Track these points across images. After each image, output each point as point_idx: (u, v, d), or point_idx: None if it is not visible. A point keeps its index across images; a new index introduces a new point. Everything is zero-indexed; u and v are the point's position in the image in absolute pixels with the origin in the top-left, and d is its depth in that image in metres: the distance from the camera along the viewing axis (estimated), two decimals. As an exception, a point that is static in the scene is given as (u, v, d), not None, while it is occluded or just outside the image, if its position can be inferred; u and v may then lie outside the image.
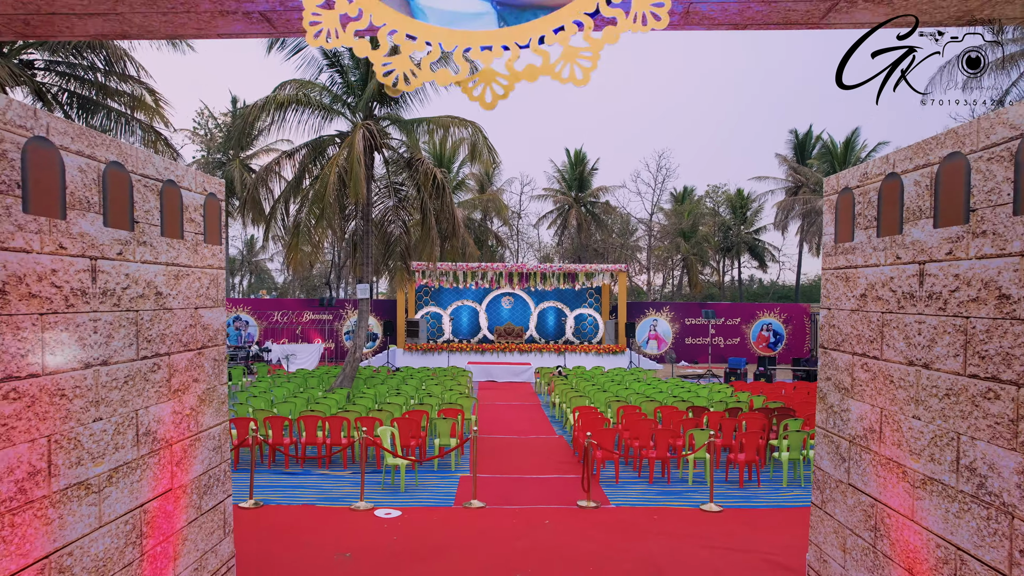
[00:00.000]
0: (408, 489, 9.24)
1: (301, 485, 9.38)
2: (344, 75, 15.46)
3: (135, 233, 4.09)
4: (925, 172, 3.92)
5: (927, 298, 3.82)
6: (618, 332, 27.45)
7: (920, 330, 3.86)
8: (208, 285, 5.02)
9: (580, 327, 29.07)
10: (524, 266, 29.01)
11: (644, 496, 9.12)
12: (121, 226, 3.95)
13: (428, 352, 26.20)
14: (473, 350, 26.40)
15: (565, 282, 28.04)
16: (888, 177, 4.29)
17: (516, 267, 28.33)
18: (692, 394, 14.30)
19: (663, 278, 49.42)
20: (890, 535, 4.09)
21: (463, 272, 26.89)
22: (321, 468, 10.38)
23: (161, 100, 15.04)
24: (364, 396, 13.40)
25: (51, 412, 3.36)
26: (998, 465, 3.22)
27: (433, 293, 28.98)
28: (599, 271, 28.06)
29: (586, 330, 28.97)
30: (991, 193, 3.35)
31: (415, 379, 17.62)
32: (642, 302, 34.83)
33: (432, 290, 28.82)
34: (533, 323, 28.96)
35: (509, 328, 28.10)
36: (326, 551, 6.84)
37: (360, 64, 15.45)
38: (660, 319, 30.30)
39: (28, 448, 3.20)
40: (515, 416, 15.59)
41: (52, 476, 3.36)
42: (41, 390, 3.29)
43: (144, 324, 4.17)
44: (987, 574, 3.25)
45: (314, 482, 9.58)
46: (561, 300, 29.22)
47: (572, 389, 15.31)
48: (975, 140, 3.48)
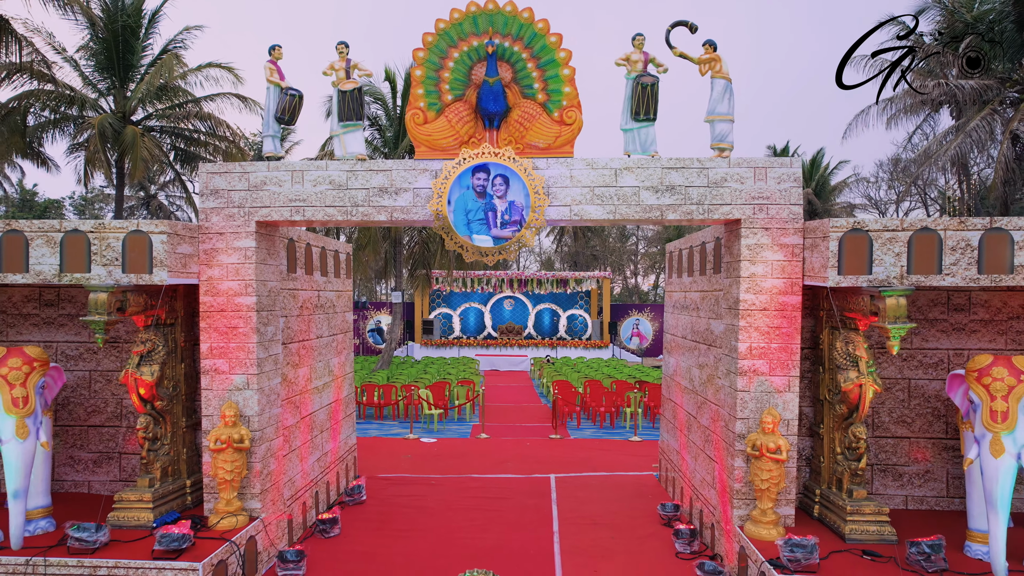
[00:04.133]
0: (439, 429, 13.99)
1: (367, 429, 14.13)
2: (382, 132, 20.21)
3: (328, 277, 8.84)
4: (694, 248, 8.60)
5: (687, 307, 8.53)
6: (603, 330, 32.14)
7: (687, 322, 8.56)
8: (346, 300, 9.75)
9: (572, 325, 33.73)
10: (523, 273, 33.74)
11: (595, 434, 13.84)
12: (324, 273, 8.69)
13: (441, 347, 30.94)
14: (479, 345, 31.10)
15: (558, 287, 32.75)
16: (679, 250, 9.00)
17: (516, 274, 33.06)
18: (644, 375, 19.00)
19: (655, 280, 54.02)
20: (676, 415, 8.81)
21: (472, 278, 31.59)
22: (378, 419, 15.14)
23: (244, 150, 19.84)
24: (402, 375, 18.17)
25: (312, 355, 8.10)
26: (697, 376, 7.91)
27: (445, 296, 33.68)
28: (587, 278, 32.73)
29: (577, 328, 33.63)
30: (704, 261, 8.04)
31: (435, 365, 22.38)
32: (627, 304, 39.43)
33: (444, 294, 33.52)
34: (531, 322, 33.62)
35: (510, 326, 32.79)
36: (396, 455, 11.59)
37: (394, 122, 20.19)
38: (642, 319, 34.91)
39: (307, 369, 7.94)
40: (512, 392, 20.31)
41: (310, 381, 8.09)
42: (312, 347, 8.02)
43: (330, 319, 8.91)
44: (700, 427, 7.93)
45: (375, 428, 14.33)
46: (555, 302, 33.87)
47: (556, 372, 20.03)
48: (706, 236, 8.14)
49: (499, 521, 8.05)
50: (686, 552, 6.96)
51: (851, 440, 6.09)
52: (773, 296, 6.23)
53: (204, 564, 5.41)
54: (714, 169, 6.30)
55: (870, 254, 5.67)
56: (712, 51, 6.42)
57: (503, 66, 6.39)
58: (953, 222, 5.67)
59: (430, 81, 6.45)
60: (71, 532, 5.52)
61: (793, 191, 6.24)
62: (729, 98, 6.42)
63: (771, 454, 5.91)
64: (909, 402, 6.90)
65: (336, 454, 9.02)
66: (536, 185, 6.28)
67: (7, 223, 6.09)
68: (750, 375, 6.26)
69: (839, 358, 6.09)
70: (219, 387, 6.48)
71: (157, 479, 6.43)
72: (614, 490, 9.48)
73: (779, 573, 5.22)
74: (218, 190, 6.53)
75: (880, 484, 6.94)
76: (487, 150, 6.31)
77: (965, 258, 5.63)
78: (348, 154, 6.63)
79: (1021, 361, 5.18)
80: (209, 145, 19.73)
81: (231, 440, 6.18)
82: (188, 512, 6.66)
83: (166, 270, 6.00)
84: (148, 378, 6.27)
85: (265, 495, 6.59)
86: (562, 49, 6.37)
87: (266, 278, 6.70)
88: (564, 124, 6.39)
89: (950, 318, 6.84)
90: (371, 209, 6.48)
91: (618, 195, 6.35)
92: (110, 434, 7.32)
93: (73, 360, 7.29)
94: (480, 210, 6.34)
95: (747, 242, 6.25)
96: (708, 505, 7.19)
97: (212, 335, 6.49)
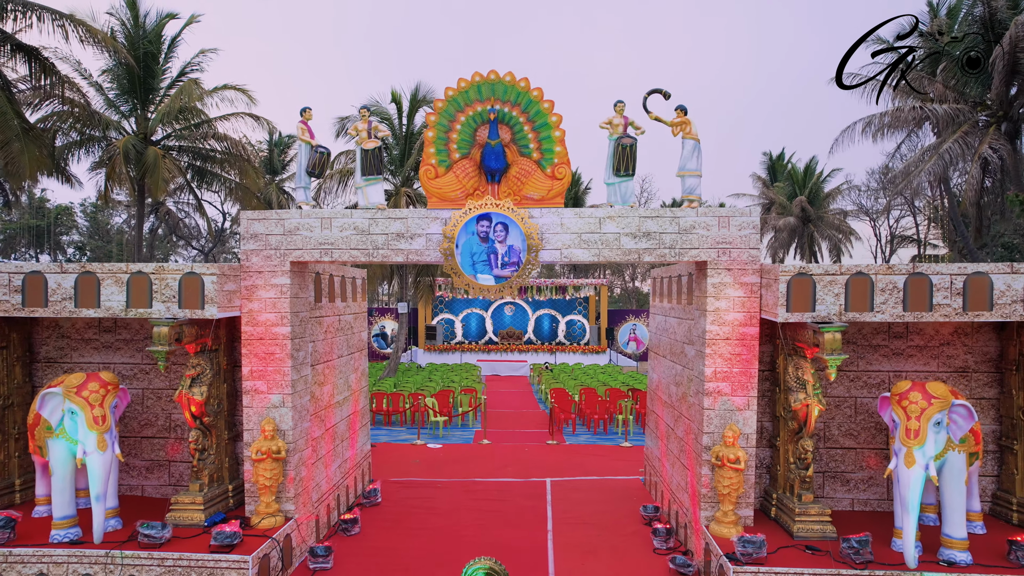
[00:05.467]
0: (444, 435, 15.04)
1: (377, 435, 15.17)
2: (389, 151, 21.27)
3: (347, 302, 9.88)
4: (673, 278, 9.63)
5: (667, 329, 9.56)
6: (601, 335, 33.19)
7: (668, 343, 9.60)
8: (362, 320, 10.80)
9: (570, 331, 34.77)
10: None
11: (589, 439, 14.89)
12: (344, 299, 9.73)
13: (444, 352, 32.00)
14: (481, 350, 32.16)
15: (558, 293, 33.82)
16: (661, 277, 10.03)
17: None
18: (636, 381, 20.05)
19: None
20: (658, 426, 9.86)
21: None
22: (387, 426, 16.18)
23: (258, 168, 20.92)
24: (408, 382, 19.23)
25: (334, 373, 9.14)
26: (674, 393, 8.94)
27: (447, 302, 34.72)
28: (585, 284, 33.77)
29: (575, 333, 34.67)
30: (679, 291, 9.06)
31: (439, 372, 23.44)
32: (625, 309, 40.46)
33: (446, 300, 34.57)
34: (531, 327, 34.67)
35: (511, 331, 33.84)
36: (406, 460, 12.65)
37: (400, 141, 21.25)
38: (639, 324, 35.94)
39: (331, 387, 8.99)
40: (512, 398, 21.35)
41: (332, 396, 9.14)
42: (334, 366, 9.07)
43: (349, 339, 9.96)
44: (676, 437, 8.95)
45: (384, 433, 15.38)
46: (554, 308, 34.92)
47: (554, 379, 21.07)
48: (682, 270, 9.17)
49: (500, 521, 9.09)
50: (662, 548, 8.00)
51: (800, 452, 7.13)
52: (735, 327, 7.27)
53: (253, 557, 6.46)
54: (684, 218, 7.33)
55: (813, 294, 6.71)
56: (683, 115, 7.46)
57: (503, 128, 7.44)
58: (883, 267, 6.71)
59: (440, 141, 7.49)
60: (141, 529, 6.57)
61: (752, 237, 7.27)
62: (697, 156, 7.46)
63: (731, 464, 6.95)
64: (855, 417, 7.94)
65: (354, 460, 10.07)
66: (532, 232, 7.32)
67: (82, 265, 7.14)
68: (715, 395, 7.30)
69: (790, 381, 7.13)
70: (259, 405, 7.53)
71: (206, 484, 7.48)
72: (603, 493, 10.52)
73: (733, 564, 6.26)
74: (257, 234, 7.57)
75: (830, 488, 7.99)
76: (489, 201, 7.35)
77: (893, 298, 6.67)
78: (370, 203, 7.68)
79: (933, 387, 6.21)
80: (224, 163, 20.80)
81: (270, 452, 7.24)
82: (231, 513, 7.71)
83: (216, 306, 7.05)
84: (199, 398, 7.32)
85: (298, 498, 7.64)
86: (554, 113, 7.41)
87: (298, 309, 7.74)
88: (555, 179, 7.43)
89: (890, 344, 7.88)
90: (390, 251, 7.53)
91: (602, 240, 7.39)
92: (160, 444, 8.37)
93: (128, 379, 8.34)
94: (484, 253, 7.38)
95: (712, 281, 7.29)
96: (683, 507, 8.23)
97: (252, 360, 7.54)
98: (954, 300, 6.65)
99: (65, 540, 6.63)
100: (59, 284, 7.18)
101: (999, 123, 16.99)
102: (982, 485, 7.76)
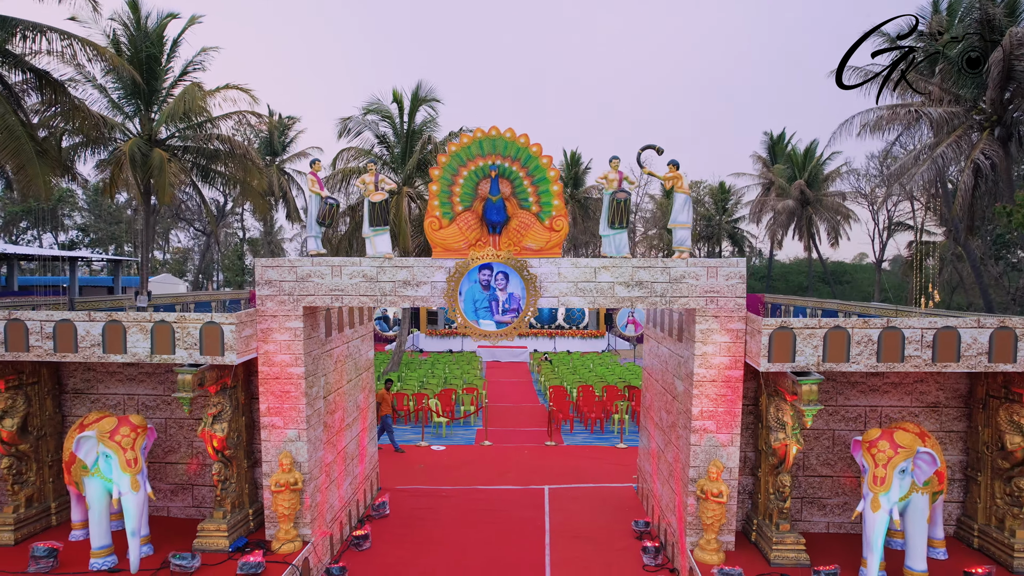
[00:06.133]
0: (447, 436, 15.71)
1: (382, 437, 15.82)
2: (391, 149, 21.49)
3: (355, 327, 10.38)
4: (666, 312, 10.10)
5: (659, 355, 10.08)
6: (600, 319, 33.77)
7: (660, 368, 10.12)
8: (369, 339, 11.30)
9: (569, 314, 35.32)
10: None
11: (586, 439, 15.56)
12: (351, 326, 10.22)
13: (445, 337, 32.60)
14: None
15: (557, 278, 34.31)
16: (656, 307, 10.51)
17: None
18: (632, 375, 20.68)
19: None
20: (650, 444, 10.45)
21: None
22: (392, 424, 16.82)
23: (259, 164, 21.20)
24: (411, 379, 19.85)
25: (344, 399, 9.69)
26: (664, 419, 9.50)
27: (448, 287, 35.20)
28: (584, 270, 34.22)
29: (575, 316, 35.23)
30: (671, 326, 9.54)
31: (441, 363, 24.07)
32: (624, 291, 40.96)
33: (448, 285, 35.03)
34: (531, 312, 35.24)
35: (511, 316, 34.42)
36: (411, 464, 13.31)
37: (402, 140, 21.46)
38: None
39: (341, 412, 9.55)
40: (513, 390, 22.02)
41: (343, 421, 9.71)
42: (344, 392, 9.61)
43: (356, 361, 10.49)
44: (666, 461, 9.54)
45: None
46: (554, 293, 35.41)
47: (553, 372, 21.70)
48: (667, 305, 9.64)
49: (501, 535, 9.75)
50: (652, 565, 8.66)
51: (779, 485, 7.71)
52: (720, 370, 7.78)
53: (276, 586, 7.10)
54: (674, 268, 7.78)
55: (793, 346, 7.20)
56: (675, 170, 7.84)
57: (503, 182, 7.83)
58: (859, 322, 7.19)
59: (444, 194, 7.89)
60: (173, 560, 7.19)
61: (738, 286, 7.73)
62: (688, 209, 7.87)
63: (715, 498, 7.54)
64: (833, 448, 8.51)
65: (363, 475, 10.70)
66: (531, 280, 7.77)
67: (108, 315, 7.63)
68: (701, 432, 7.85)
69: (771, 421, 7.67)
70: (276, 439, 8.09)
71: (228, 511, 8.09)
72: (598, 502, 11.19)
73: (713, 594, 6.90)
74: (271, 280, 8.03)
75: (808, 513, 8.60)
76: (491, 252, 7.79)
77: (867, 350, 7.16)
78: (378, 252, 8.11)
79: (900, 436, 6.76)
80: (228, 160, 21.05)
81: (288, 484, 7.82)
82: (252, 536, 8.34)
83: (235, 352, 7.55)
84: (220, 434, 7.88)
85: (314, 522, 8.26)
86: (552, 168, 7.80)
87: (311, 349, 8.24)
88: (553, 231, 7.85)
89: (867, 380, 8.40)
90: (397, 297, 7.99)
91: (596, 288, 7.85)
92: (183, 469, 8.97)
93: (151, 409, 8.90)
94: (485, 300, 7.85)
95: (700, 327, 7.77)
96: (671, 527, 8.87)
97: (269, 397, 8.07)
98: (924, 352, 7.14)
99: (104, 568, 7.27)
100: (88, 332, 7.66)
101: (992, 128, 17.23)
102: (948, 511, 8.38)
